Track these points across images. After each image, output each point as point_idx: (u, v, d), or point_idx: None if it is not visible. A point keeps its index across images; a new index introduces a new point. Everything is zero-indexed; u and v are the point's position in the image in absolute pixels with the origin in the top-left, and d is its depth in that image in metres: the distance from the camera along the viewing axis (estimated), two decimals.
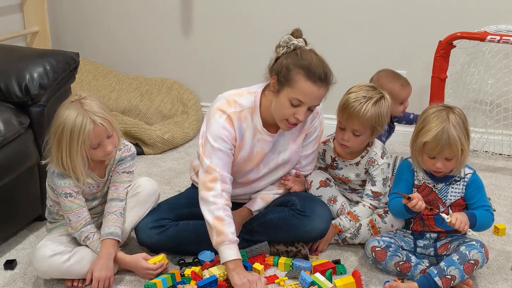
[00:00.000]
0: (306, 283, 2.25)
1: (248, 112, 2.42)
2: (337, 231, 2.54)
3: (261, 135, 2.45)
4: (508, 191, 3.12)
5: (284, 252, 2.47)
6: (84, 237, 2.30)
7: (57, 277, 2.28)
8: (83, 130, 2.18)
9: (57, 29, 4.28)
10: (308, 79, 2.25)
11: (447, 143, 2.20)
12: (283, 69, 2.29)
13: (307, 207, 2.47)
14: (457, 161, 2.25)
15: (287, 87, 2.28)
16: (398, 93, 2.88)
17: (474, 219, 2.26)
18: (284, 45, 2.32)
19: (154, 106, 3.86)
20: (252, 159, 2.48)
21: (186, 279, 2.31)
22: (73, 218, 2.29)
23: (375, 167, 2.53)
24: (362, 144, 2.51)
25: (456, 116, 2.23)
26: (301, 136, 2.54)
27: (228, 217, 2.28)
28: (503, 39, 2.97)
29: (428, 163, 2.27)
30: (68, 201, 2.28)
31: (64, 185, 2.28)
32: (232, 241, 2.24)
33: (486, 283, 2.33)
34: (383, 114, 2.41)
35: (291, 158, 2.55)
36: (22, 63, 2.63)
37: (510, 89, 3.38)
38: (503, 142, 3.47)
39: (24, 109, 2.59)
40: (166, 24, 4.09)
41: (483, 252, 2.22)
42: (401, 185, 2.37)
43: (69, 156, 2.22)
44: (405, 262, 2.31)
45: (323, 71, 2.27)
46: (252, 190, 2.59)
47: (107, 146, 2.25)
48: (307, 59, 2.27)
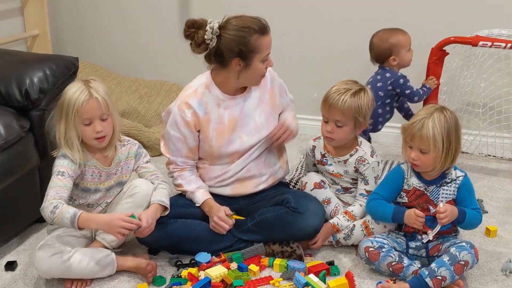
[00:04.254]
0: (300, 284, 2.30)
1: (204, 87, 2.58)
2: (335, 230, 2.59)
3: (225, 102, 2.57)
4: (501, 193, 3.16)
5: (279, 252, 2.52)
6: (53, 207, 2.22)
7: (58, 276, 2.33)
8: (78, 100, 2.27)
9: (57, 32, 4.32)
10: (262, 35, 2.46)
11: (419, 133, 2.29)
12: (241, 46, 2.44)
13: (300, 204, 2.53)
14: (433, 158, 2.31)
15: (255, 55, 2.46)
16: (404, 41, 3.10)
17: (463, 216, 2.33)
18: (210, 35, 2.44)
19: (153, 109, 3.90)
20: (226, 127, 2.58)
21: (182, 280, 2.36)
22: (51, 193, 2.26)
23: (366, 166, 2.59)
24: (347, 136, 2.57)
25: (441, 115, 2.31)
26: (265, 95, 2.66)
27: (184, 178, 2.62)
28: (495, 44, 3.00)
29: (407, 152, 2.37)
30: (57, 178, 2.30)
31: (61, 164, 2.32)
32: (192, 191, 2.59)
33: (476, 284, 2.38)
34: (362, 106, 2.50)
35: (269, 119, 2.65)
36: (22, 68, 2.68)
37: (502, 92, 3.42)
38: (495, 144, 3.51)
39: (25, 113, 2.63)
40: (165, 27, 4.14)
41: (473, 253, 2.28)
42: (386, 189, 2.46)
43: (64, 128, 2.30)
44: (397, 262, 2.36)
45: (259, 20, 2.48)
46: (257, 166, 2.65)
47: (97, 126, 2.31)
48: (246, 24, 2.45)
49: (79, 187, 2.41)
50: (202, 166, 2.67)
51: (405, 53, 3.10)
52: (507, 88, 3.41)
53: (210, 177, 2.66)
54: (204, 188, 2.62)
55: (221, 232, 2.53)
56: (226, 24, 2.46)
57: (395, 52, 3.09)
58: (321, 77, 3.80)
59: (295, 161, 3.49)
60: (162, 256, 2.57)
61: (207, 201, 2.58)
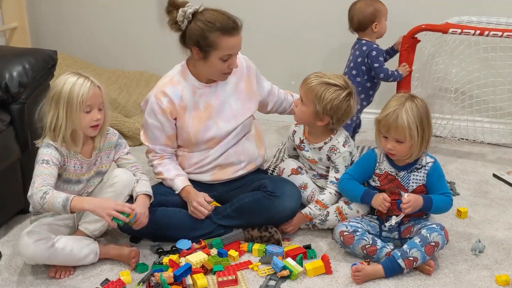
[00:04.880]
0: (278, 268, 2.38)
1: (180, 75, 2.65)
2: (308, 220, 2.66)
3: (200, 89, 2.64)
4: (473, 175, 3.25)
5: (258, 237, 2.59)
6: (43, 193, 2.23)
7: (42, 262, 2.38)
8: (84, 87, 2.32)
9: (35, 25, 4.33)
10: (225, 35, 2.47)
11: (394, 125, 2.35)
12: (199, 38, 2.49)
13: (277, 188, 2.60)
14: (409, 147, 2.38)
15: (213, 51, 2.50)
16: (385, 10, 3.20)
17: (429, 203, 2.42)
18: (182, 18, 2.50)
19: (133, 99, 3.93)
20: (202, 114, 2.65)
21: (164, 267, 2.42)
22: (38, 181, 2.27)
23: (337, 155, 2.65)
24: (305, 118, 2.63)
25: (413, 104, 2.37)
26: (241, 83, 2.72)
27: (164, 166, 2.69)
28: (464, 31, 3.09)
29: (382, 143, 2.43)
30: (42, 167, 2.31)
31: (46, 152, 2.34)
32: (172, 178, 2.66)
33: (447, 263, 2.47)
34: (325, 98, 2.53)
35: (245, 105, 2.72)
36: (1, 62, 2.71)
37: (473, 77, 3.50)
38: (468, 128, 3.60)
39: (5, 107, 2.67)
40: (144, 17, 4.17)
41: (443, 235, 2.37)
42: (358, 171, 2.56)
43: (59, 117, 2.32)
44: (371, 245, 2.44)
45: (231, 21, 2.50)
46: (235, 153, 2.72)
47: (96, 114, 2.36)
48: (213, 19, 2.48)
49: (61, 178, 2.45)
50: (181, 154, 2.73)
51: (384, 21, 3.19)
52: (477, 73, 3.50)
53: (189, 164, 2.72)
54: (183, 175, 2.68)
55: (199, 217, 2.59)
56: (200, 13, 2.52)
57: (378, 18, 3.17)
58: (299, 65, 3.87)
59: (274, 148, 3.55)
60: (143, 244, 2.63)
61: (186, 188, 2.64)
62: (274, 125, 3.85)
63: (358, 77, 3.19)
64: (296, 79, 3.78)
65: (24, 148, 2.72)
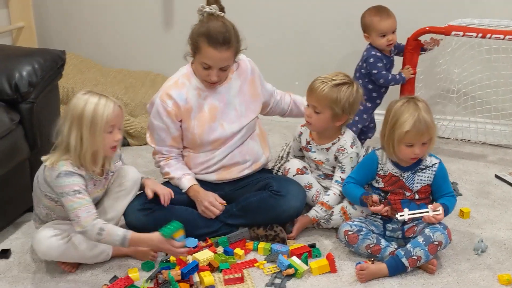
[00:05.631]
0: (283, 266, 2.41)
1: (185, 78, 2.69)
2: (314, 222, 2.70)
3: (205, 92, 2.68)
4: (474, 176, 3.29)
5: (264, 236, 2.63)
6: (98, 228, 2.25)
7: (56, 258, 2.40)
8: (107, 107, 2.28)
9: (42, 24, 4.36)
10: (209, 45, 2.51)
11: (426, 128, 2.39)
12: (192, 38, 2.56)
13: (282, 188, 2.64)
14: (428, 147, 2.43)
15: (197, 54, 2.57)
16: (376, 25, 3.14)
17: (447, 211, 2.47)
18: (199, 13, 2.56)
19: (139, 99, 3.95)
20: (207, 116, 2.68)
21: (171, 265, 2.46)
22: (82, 214, 2.25)
23: (344, 155, 2.69)
24: (323, 124, 2.66)
25: (423, 103, 2.43)
26: (245, 86, 2.75)
27: (171, 166, 2.72)
28: (466, 34, 3.13)
29: (406, 151, 2.43)
30: (76, 198, 2.27)
31: (72, 182, 2.28)
32: (179, 177, 2.69)
33: (450, 263, 2.50)
34: (340, 98, 2.58)
35: (248, 106, 2.75)
36: (11, 62, 2.75)
37: (476, 78, 3.53)
38: (470, 129, 3.63)
39: (14, 106, 2.70)
40: (149, 18, 4.20)
41: (446, 234, 2.40)
42: (360, 173, 2.58)
43: (89, 137, 2.27)
44: (375, 244, 2.47)
45: (222, 36, 2.51)
46: (240, 153, 2.75)
47: (117, 135, 2.35)
48: (208, 26, 2.52)
49: None
50: (187, 154, 2.76)
51: (376, 37, 3.15)
52: (480, 75, 3.53)
53: (195, 164, 2.75)
54: (190, 174, 2.72)
55: (210, 217, 2.64)
56: (212, 16, 2.55)
57: (367, 31, 3.18)
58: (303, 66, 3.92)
59: (278, 148, 3.58)
60: None
61: (193, 187, 2.68)
62: (278, 125, 3.88)
63: (360, 79, 3.22)
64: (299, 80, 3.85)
65: (33, 147, 2.76)
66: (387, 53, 3.22)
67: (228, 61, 2.58)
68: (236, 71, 2.73)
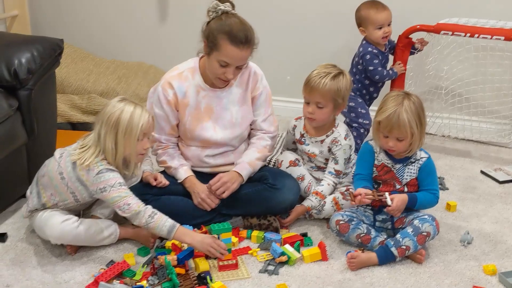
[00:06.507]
0: (276, 254, 2.47)
1: (189, 72, 2.70)
2: (308, 210, 2.76)
3: (205, 91, 2.70)
4: (461, 171, 3.37)
5: (257, 225, 2.68)
6: (151, 212, 2.38)
7: (68, 242, 2.47)
8: (143, 116, 2.40)
9: (36, 13, 4.35)
10: (231, 43, 2.51)
11: (397, 125, 2.43)
12: (210, 35, 2.55)
13: (278, 181, 2.70)
14: (409, 143, 2.48)
15: (215, 51, 2.54)
16: (373, 17, 3.20)
17: (414, 202, 2.51)
18: (213, 10, 2.56)
19: (131, 89, 3.97)
20: (202, 115, 2.71)
21: (166, 250, 2.51)
22: (132, 201, 2.38)
23: (338, 147, 2.76)
24: (327, 117, 2.74)
25: (411, 103, 2.46)
26: (247, 95, 2.76)
27: (168, 155, 2.75)
28: (455, 34, 3.21)
29: (382, 141, 2.51)
30: (122, 189, 2.39)
31: (115, 176, 2.40)
32: (175, 167, 2.72)
33: (437, 253, 2.58)
34: (341, 88, 2.67)
35: (245, 116, 2.77)
36: (10, 49, 2.78)
37: (463, 75, 3.60)
38: (457, 126, 3.70)
39: (13, 93, 2.73)
40: (142, 9, 4.21)
41: (434, 225, 2.48)
42: (364, 166, 2.61)
43: (123, 143, 2.39)
44: (365, 234, 2.54)
45: (244, 34, 2.52)
46: (234, 154, 2.79)
47: (146, 143, 2.46)
48: (229, 24, 2.53)
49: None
50: (181, 145, 2.81)
51: (373, 29, 3.22)
52: (467, 72, 3.59)
53: (187, 156, 2.80)
54: (186, 165, 2.76)
55: (206, 209, 2.67)
56: (228, 14, 2.55)
57: (363, 25, 3.24)
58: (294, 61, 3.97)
59: None
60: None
61: (189, 178, 2.72)
62: None
63: (357, 75, 3.30)
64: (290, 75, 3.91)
65: (30, 133, 2.79)
66: (382, 47, 3.29)
67: (246, 59, 2.60)
68: (240, 79, 2.73)
